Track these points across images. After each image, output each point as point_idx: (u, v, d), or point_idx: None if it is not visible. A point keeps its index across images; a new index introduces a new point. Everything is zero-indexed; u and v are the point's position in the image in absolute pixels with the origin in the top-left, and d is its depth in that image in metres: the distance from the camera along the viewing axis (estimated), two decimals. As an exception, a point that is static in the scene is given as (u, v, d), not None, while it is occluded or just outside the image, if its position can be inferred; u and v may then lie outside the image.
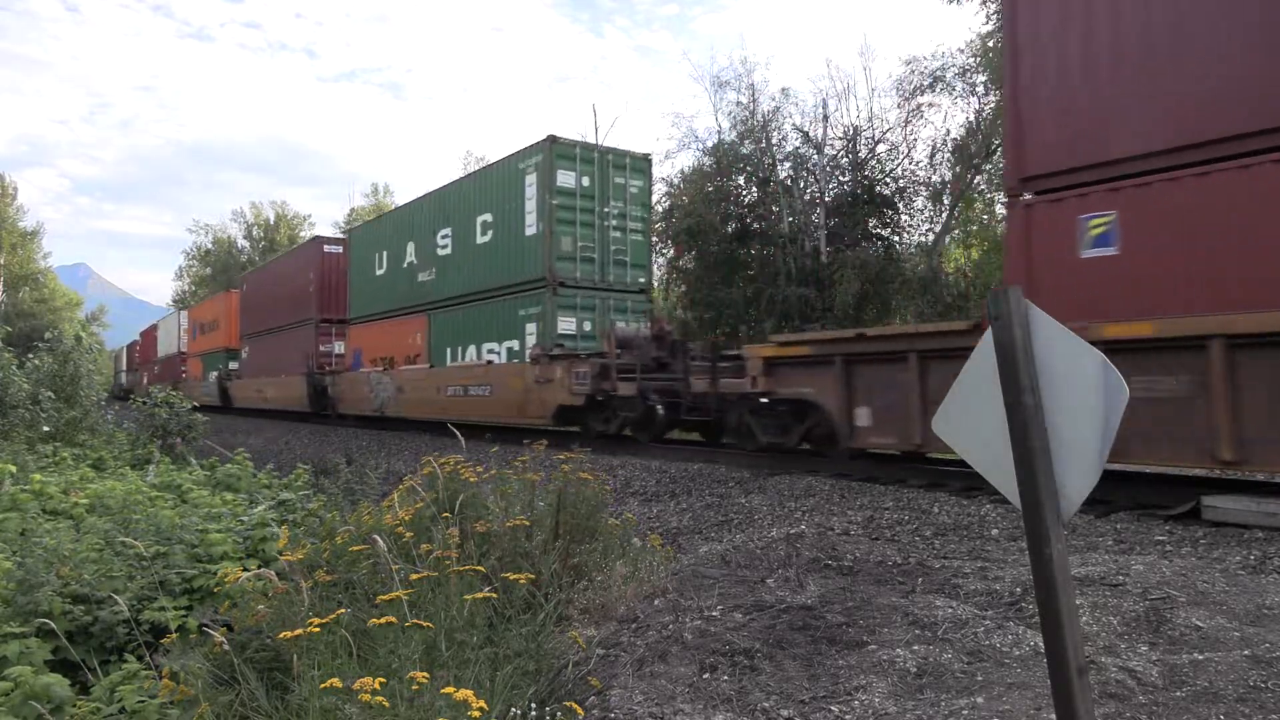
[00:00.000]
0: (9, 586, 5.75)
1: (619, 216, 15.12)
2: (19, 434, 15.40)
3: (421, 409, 17.99)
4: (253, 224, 66.90)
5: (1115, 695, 3.04)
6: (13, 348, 18.46)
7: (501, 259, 15.64)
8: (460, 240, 17.10)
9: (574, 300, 14.54)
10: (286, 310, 26.38)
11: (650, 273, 16.47)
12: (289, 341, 25.72)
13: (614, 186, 15.02)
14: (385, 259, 20.55)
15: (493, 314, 15.90)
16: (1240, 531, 5.87)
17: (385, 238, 20.68)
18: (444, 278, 17.70)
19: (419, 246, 18.82)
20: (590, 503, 5.58)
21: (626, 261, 15.21)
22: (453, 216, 17.37)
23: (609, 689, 3.42)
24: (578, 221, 14.53)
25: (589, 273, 14.75)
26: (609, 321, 14.71)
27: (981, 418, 2.15)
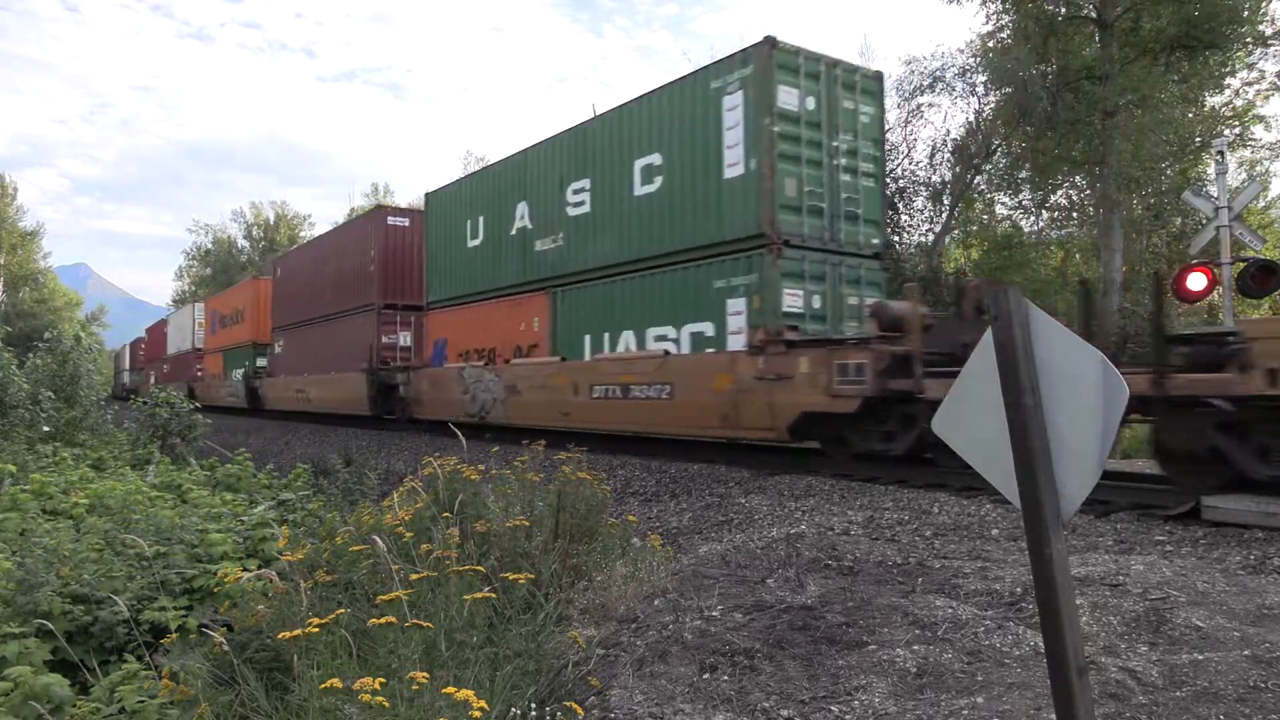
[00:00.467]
0: (9, 586, 5.75)
1: (849, 154, 11.16)
2: (19, 434, 15.41)
3: (546, 415, 13.87)
4: (253, 224, 66.94)
5: (1115, 695, 3.04)
6: (12, 348, 18.45)
7: (680, 214, 11.45)
8: (606, 194, 12.84)
9: (801, 266, 10.44)
10: (336, 296, 22.25)
11: (884, 231, 12.28)
12: (341, 333, 21.74)
13: (843, 112, 11.08)
14: (482, 226, 16.04)
15: (666, 288, 11.70)
16: (1240, 531, 5.87)
17: (482, 200, 16.14)
18: (578, 245, 13.45)
19: (536, 207, 14.49)
20: (590, 503, 5.58)
21: (859, 215, 11.27)
22: (594, 163, 13.14)
23: (609, 689, 3.42)
24: (803, 158, 10.54)
25: (817, 229, 10.71)
26: (856, 298, 11.08)
27: (981, 418, 2.15)
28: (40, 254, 65.74)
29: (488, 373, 15.33)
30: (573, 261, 13.55)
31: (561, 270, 13.82)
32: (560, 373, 13.37)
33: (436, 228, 17.86)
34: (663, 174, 11.77)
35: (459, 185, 17.64)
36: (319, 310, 23.56)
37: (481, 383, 15.41)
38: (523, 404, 14.27)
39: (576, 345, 13.38)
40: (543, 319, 14.24)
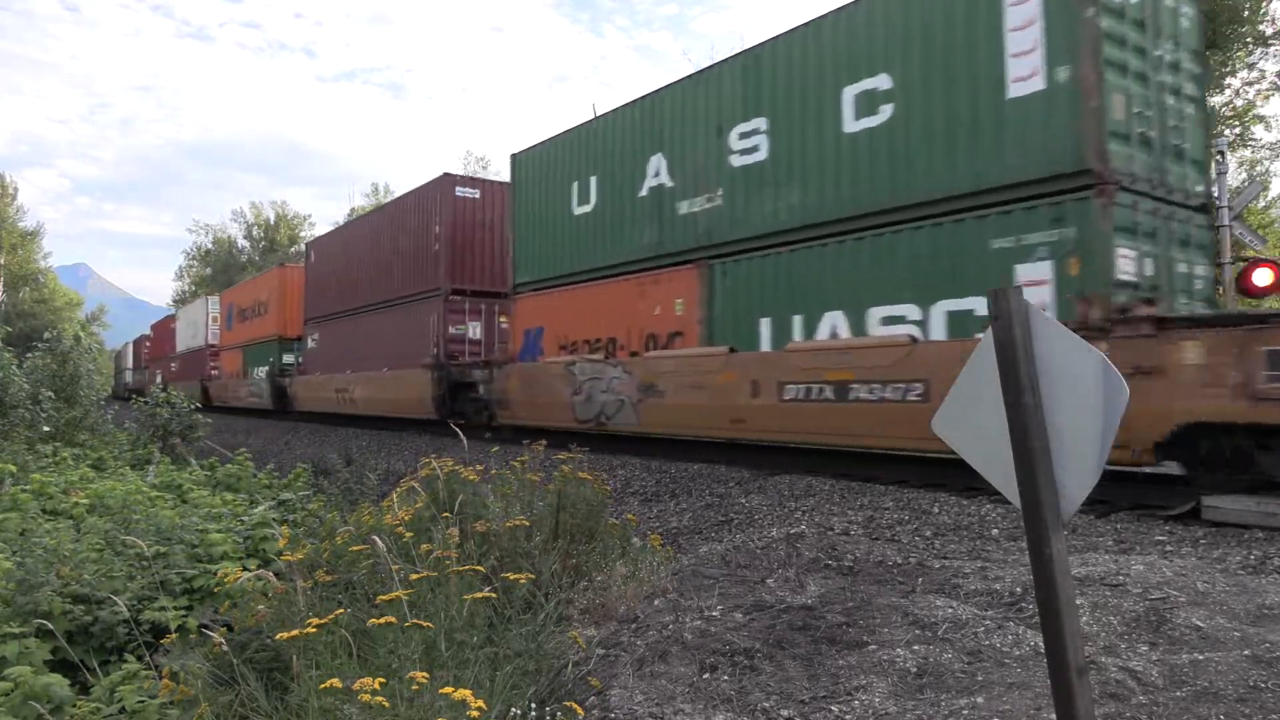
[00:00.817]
0: (9, 586, 5.75)
1: (1170, 67, 8.27)
2: (19, 434, 15.41)
3: (704, 421, 10.68)
4: (253, 224, 67.00)
5: (1115, 695, 3.04)
6: (12, 348, 18.45)
7: (924, 152, 8.52)
8: (796, 134, 9.81)
9: (1133, 218, 7.54)
10: (390, 282, 19.34)
11: (1208, 177, 8.96)
12: (396, 324, 18.85)
13: (1165, 11, 8.25)
14: (594, 189, 12.98)
15: (902, 254, 8.69)
16: (1240, 531, 5.87)
17: (593, 157, 13.10)
18: (747, 203, 10.32)
19: (679, 160, 11.42)
20: (590, 503, 5.58)
21: (1185, 152, 8.43)
22: (773, 98, 10.13)
23: (609, 689, 3.42)
24: (1130, 69, 7.70)
25: (1147, 168, 7.83)
26: (1185, 264, 8.33)
27: (981, 418, 2.15)
28: (40, 254, 65.81)
29: (610, 368, 12.06)
30: (740, 225, 10.39)
31: (721, 237, 10.66)
32: (728, 367, 10.12)
33: (528, 196, 14.67)
34: (893, 101, 8.78)
35: (556, 144, 14.13)
36: (366, 298, 20.58)
37: (600, 380, 12.21)
38: (665, 408, 11.14)
39: (747, 332, 10.18)
40: (690, 300, 11.05)
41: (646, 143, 12.08)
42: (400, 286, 18.88)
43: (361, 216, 24.27)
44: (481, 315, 17.31)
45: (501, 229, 16.77)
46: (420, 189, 18.55)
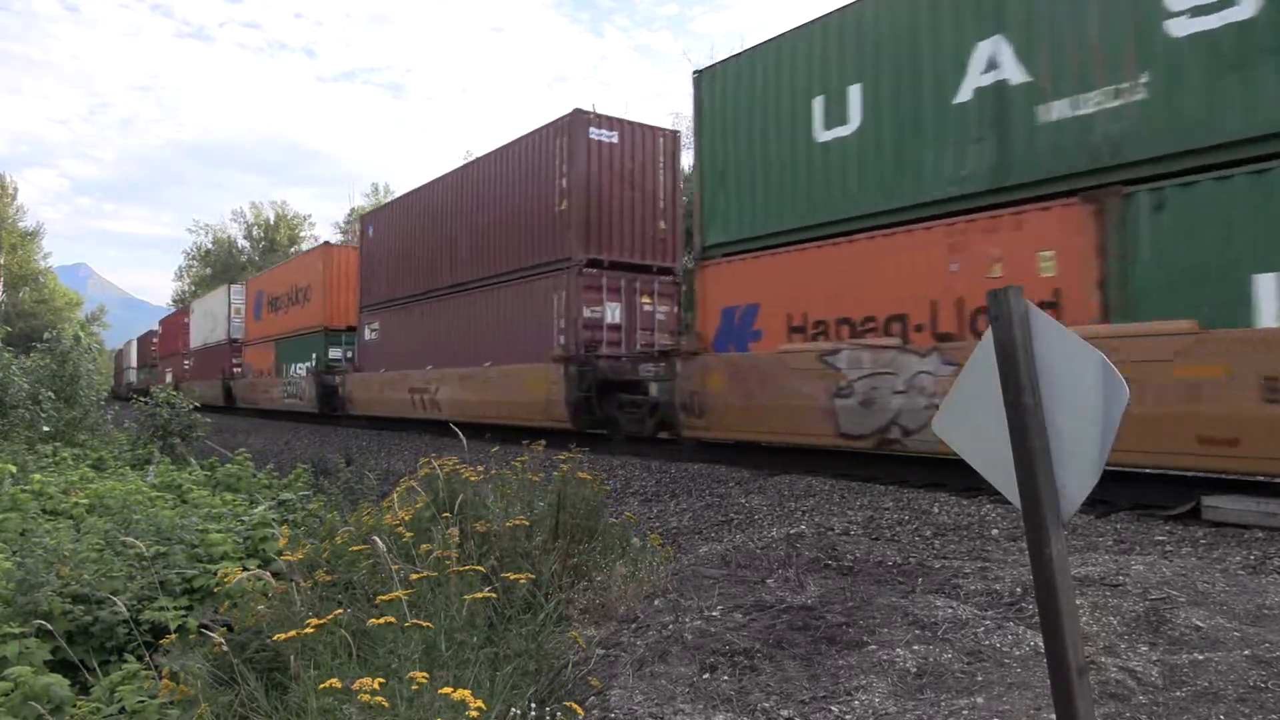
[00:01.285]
0: (9, 586, 5.75)
1: None
2: (19, 434, 15.41)
3: (1146, 442, 6.51)
4: (253, 224, 67.04)
5: (1115, 695, 3.04)
6: (12, 348, 18.45)
7: None
8: None
9: None
10: (491, 255, 15.46)
11: None
12: (502, 307, 15.08)
13: None
14: (855, 102, 9.17)
15: None
16: (1240, 531, 5.87)
17: (854, 57, 9.31)
18: (1207, 89, 6.61)
19: (1041, 38, 7.64)
20: (590, 503, 5.58)
21: None
22: None
23: (609, 689, 3.42)
24: None
25: None
26: None
27: (981, 418, 2.15)
28: (40, 254, 65.85)
29: (914, 358, 8.40)
30: (1192, 127, 6.63)
31: (1147, 151, 6.90)
32: (1199, 355, 6.38)
33: (726, 125, 10.80)
34: None
35: (781, 48, 10.15)
36: (454, 277, 16.68)
37: (891, 377, 8.51)
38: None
39: (1219, 297, 6.48)
40: (1070, 252, 7.37)
41: (967, 22, 8.23)
42: (508, 259, 14.91)
43: (441, 177, 17.96)
44: (622, 294, 13.42)
45: (647, 182, 13.68)
46: (538, 132, 14.42)
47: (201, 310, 37.55)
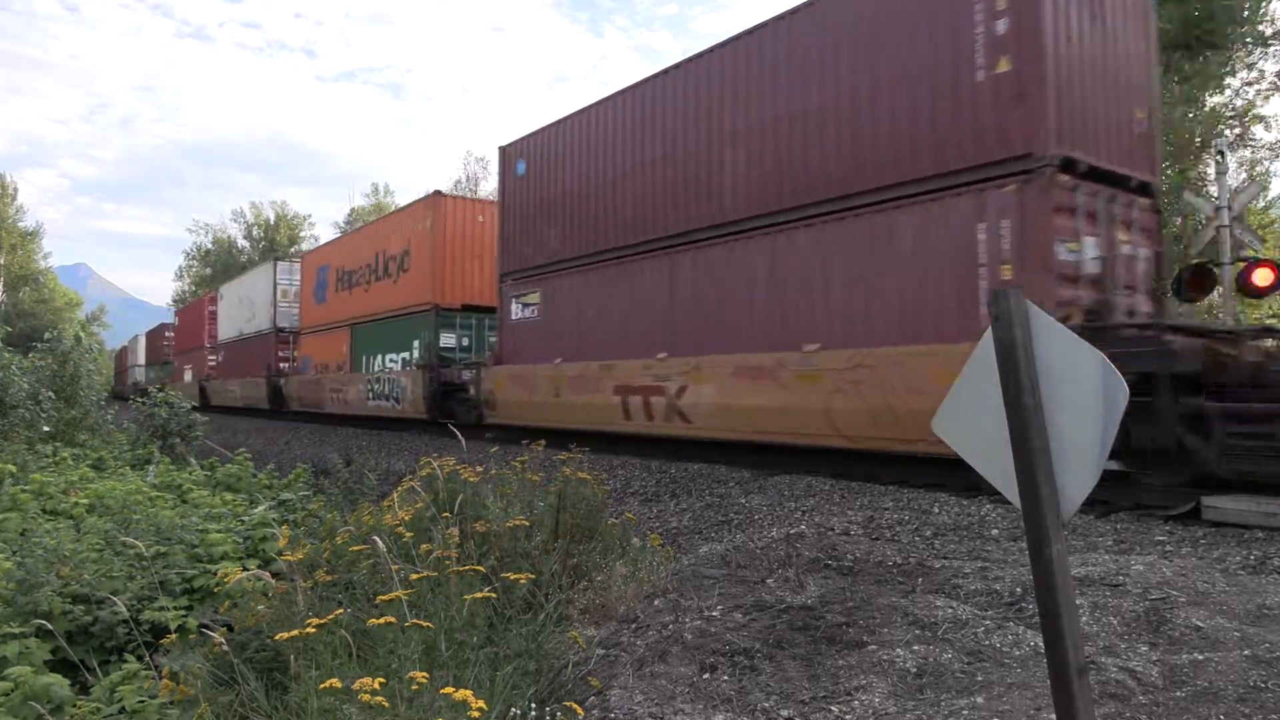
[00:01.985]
0: (9, 586, 5.75)
1: None
2: (19, 434, 15.41)
3: None
4: (253, 224, 67.08)
5: (1115, 695, 3.04)
6: (13, 348, 18.45)
7: None
8: None
9: None
10: (798, 174, 9.59)
11: None
12: (847, 248, 9.06)
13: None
14: None
15: None
16: (1240, 531, 5.87)
17: None
18: None
19: None
20: (590, 503, 5.58)
21: None
22: None
23: (609, 689, 3.42)
24: None
25: None
26: None
27: (981, 418, 2.15)
28: (40, 254, 65.86)
29: None
30: None
31: None
32: None
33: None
34: None
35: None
36: (713, 214, 10.75)
37: None
38: None
39: None
40: None
41: None
42: (857, 174, 8.93)
43: (678, 65, 11.59)
44: (1099, 222, 7.92)
45: (1121, 42, 8.36)
46: None
47: (235, 295, 31.17)
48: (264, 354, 27.53)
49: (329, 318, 23.18)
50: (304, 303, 25.60)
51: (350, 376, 21.17)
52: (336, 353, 22.07)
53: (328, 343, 23.08)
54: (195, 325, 37.78)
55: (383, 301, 19.88)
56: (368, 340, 20.66)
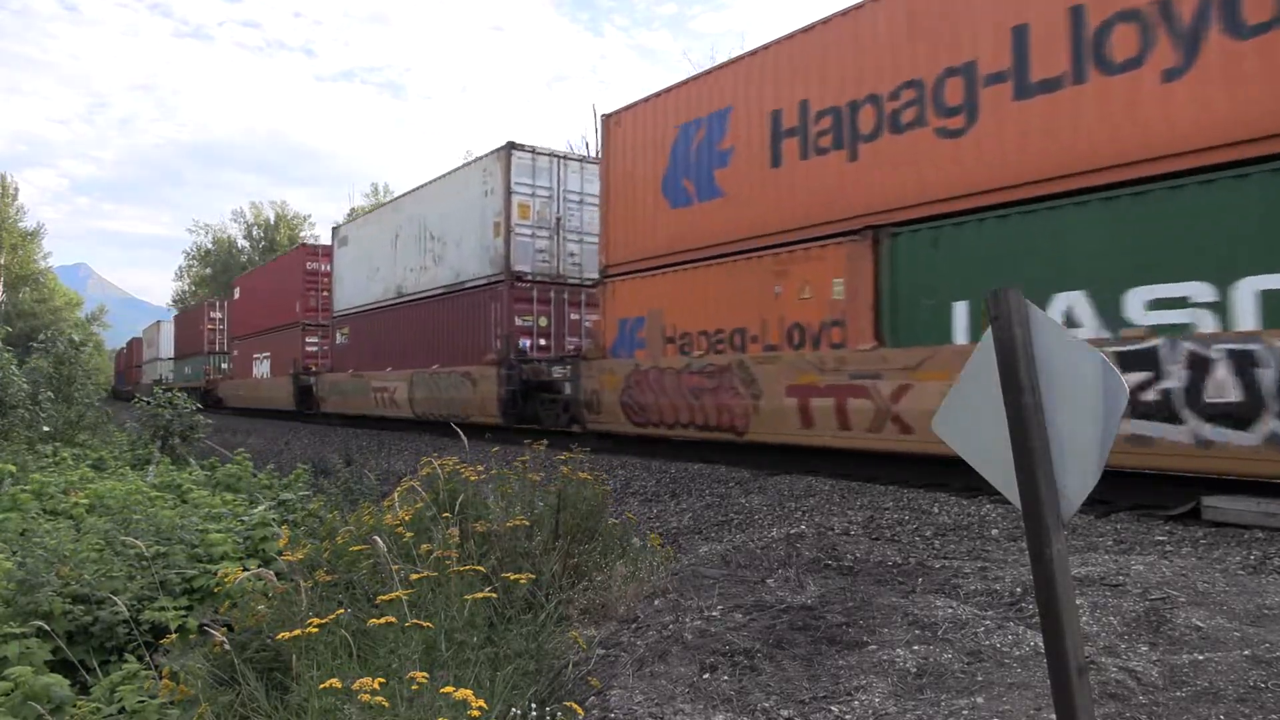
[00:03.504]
0: (9, 586, 5.75)
1: None
2: (19, 434, 15.41)
3: None
4: (253, 224, 67.07)
5: (1115, 695, 3.04)
6: (12, 348, 18.44)
7: None
8: None
9: None
10: None
11: None
12: None
13: None
14: None
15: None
16: (1240, 531, 5.87)
17: None
18: None
19: None
20: (590, 503, 5.58)
21: None
22: None
23: (609, 689, 3.42)
24: None
25: None
26: None
27: (981, 418, 2.15)
28: (40, 254, 65.84)
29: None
30: None
31: None
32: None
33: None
34: None
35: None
36: None
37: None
38: None
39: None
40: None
41: None
42: None
43: None
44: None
45: None
46: None
47: (384, 230, 19.28)
48: (476, 321, 15.44)
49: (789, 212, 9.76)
50: (615, 214, 12.45)
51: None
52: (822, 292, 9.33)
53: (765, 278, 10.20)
54: (279, 294, 26.16)
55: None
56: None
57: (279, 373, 26.11)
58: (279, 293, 26.85)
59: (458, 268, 16.48)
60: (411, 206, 18.65)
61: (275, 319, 26.92)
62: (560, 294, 15.46)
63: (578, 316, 15.67)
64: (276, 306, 26.86)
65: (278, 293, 27.01)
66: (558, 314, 15.49)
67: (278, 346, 26.71)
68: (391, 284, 19.22)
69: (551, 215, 15.37)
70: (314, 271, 25.19)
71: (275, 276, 28.21)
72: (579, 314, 15.65)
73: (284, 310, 26.07)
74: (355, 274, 21.30)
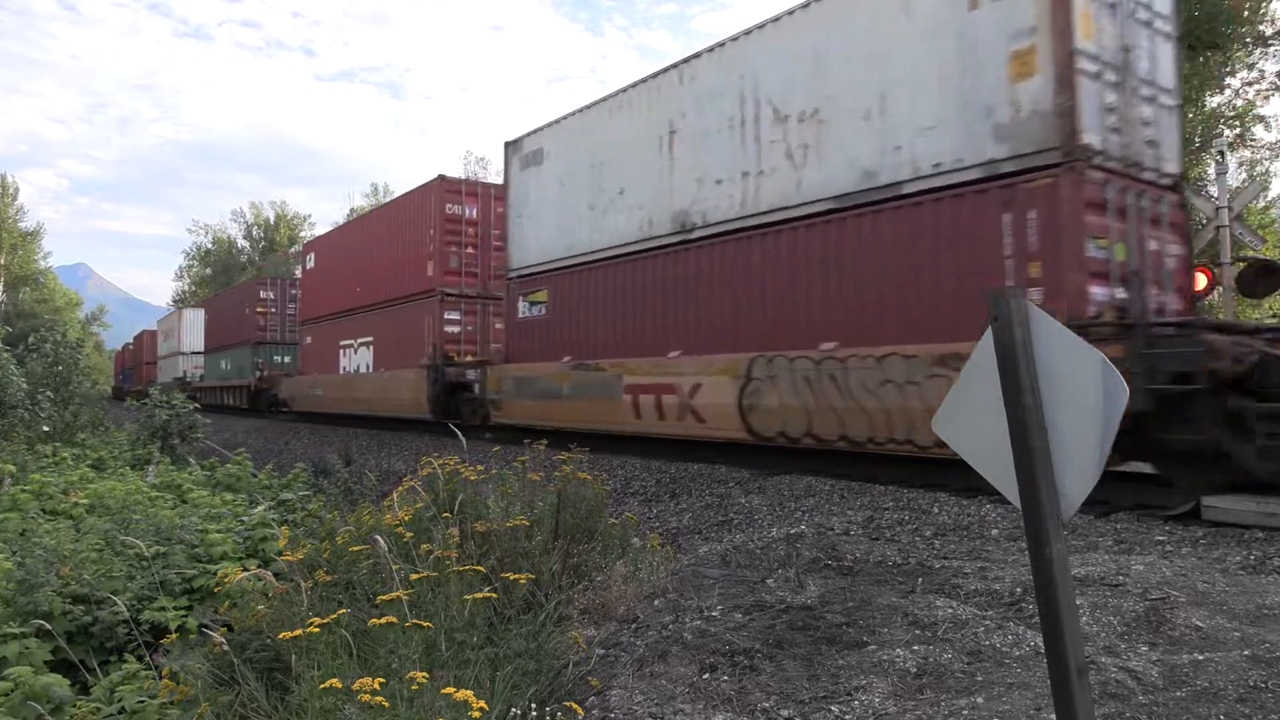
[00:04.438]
0: (9, 586, 5.75)
1: None
2: (18, 434, 15.41)
3: None
4: (252, 224, 67.04)
5: (1115, 695, 3.04)
6: (12, 348, 18.45)
7: None
8: None
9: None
10: None
11: None
12: None
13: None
14: None
15: None
16: (1240, 531, 5.87)
17: None
18: None
19: None
20: (590, 503, 5.58)
21: None
22: None
23: (609, 689, 3.42)
24: None
25: None
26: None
27: (981, 418, 2.15)
28: (40, 254, 65.78)
29: None
30: None
31: None
32: None
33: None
34: None
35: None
36: None
37: None
38: None
39: None
40: None
41: None
42: None
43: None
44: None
45: None
46: None
47: (631, 125, 12.21)
48: (969, 251, 8.04)
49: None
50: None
51: None
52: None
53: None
54: (394, 253, 18.83)
55: None
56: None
57: (394, 364, 18.42)
58: (395, 251, 18.85)
59: (882, 157, 8.78)
60: (714, 70, 10.96)
61: (387, 289, 19.04)
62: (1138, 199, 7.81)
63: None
64: (389, 271, 19.04)
65: (392, 252, 18.95)
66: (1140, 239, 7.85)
67: (390, 327, 18.88)
68: (663, 211, 11.57)
69: (1116, 44, 7.80)
70: (456, 218, 17.41)
71: (386, 229, 19.63)
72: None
73: (404, 275, 18.32)
74: (562, 206, 13.59)
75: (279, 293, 30.06)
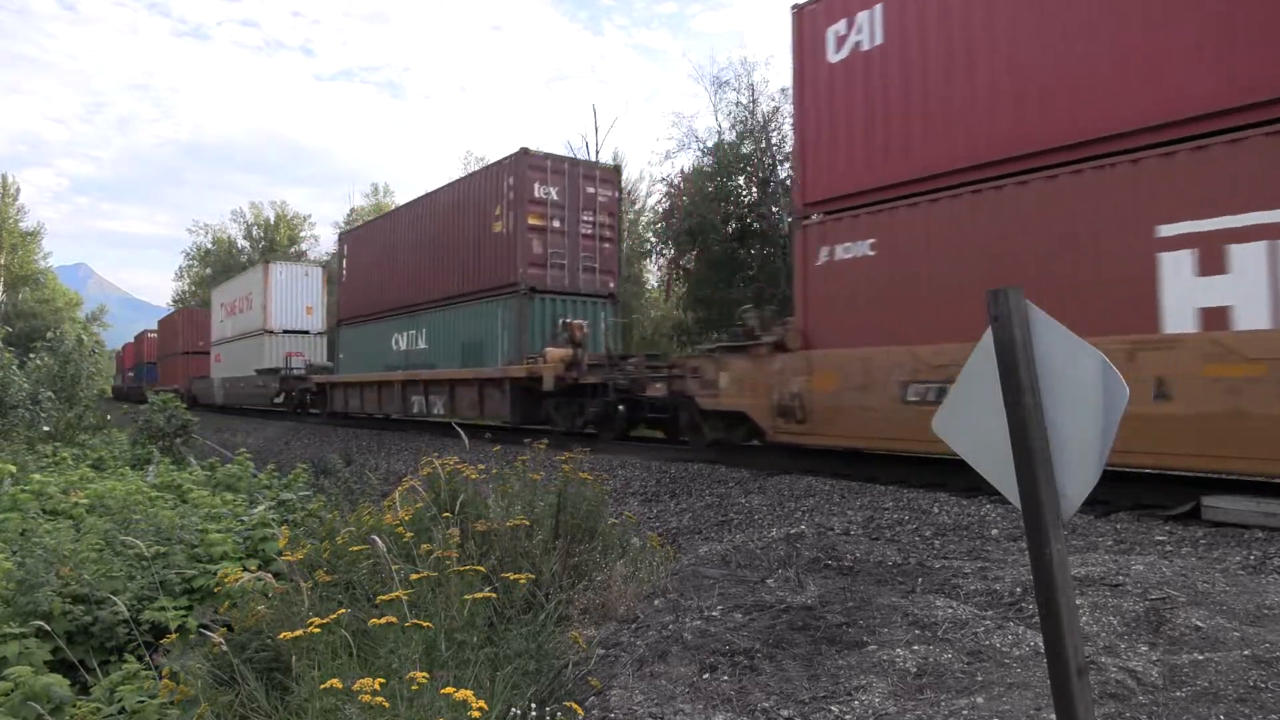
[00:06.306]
0: (9, 586, 5.75)
1: None
2: (19, 434, 15.41)
3: None
4: (252, 224, 67.00)
5: (1115, 695, 3.04)
6: (13, 348, 18.45)
7: None
8: None
9: None
10: None
11: None
12: None
13: None
14: None
15: None
16: (1240, 531, 5.86)
17: None
18: None
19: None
20: (590, 503, 5.58)
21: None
22: None
23: (609, 689, 3.42)
24: None
25: None
26: None
27: (981, 418, 2.15)
28: (40, 254, 65.73)
29: None
30: None
31: None
32: None
33: None
34: None
35: None
36: None
37: None
38: None
39: None
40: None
41: None
42: None
43: None
44: None
45: None
46: None
47: None
48: None
49: None
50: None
51: None
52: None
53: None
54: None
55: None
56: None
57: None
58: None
59: None
60: None
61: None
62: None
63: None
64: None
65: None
66: None
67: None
68: None
69: None
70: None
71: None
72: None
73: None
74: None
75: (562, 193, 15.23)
